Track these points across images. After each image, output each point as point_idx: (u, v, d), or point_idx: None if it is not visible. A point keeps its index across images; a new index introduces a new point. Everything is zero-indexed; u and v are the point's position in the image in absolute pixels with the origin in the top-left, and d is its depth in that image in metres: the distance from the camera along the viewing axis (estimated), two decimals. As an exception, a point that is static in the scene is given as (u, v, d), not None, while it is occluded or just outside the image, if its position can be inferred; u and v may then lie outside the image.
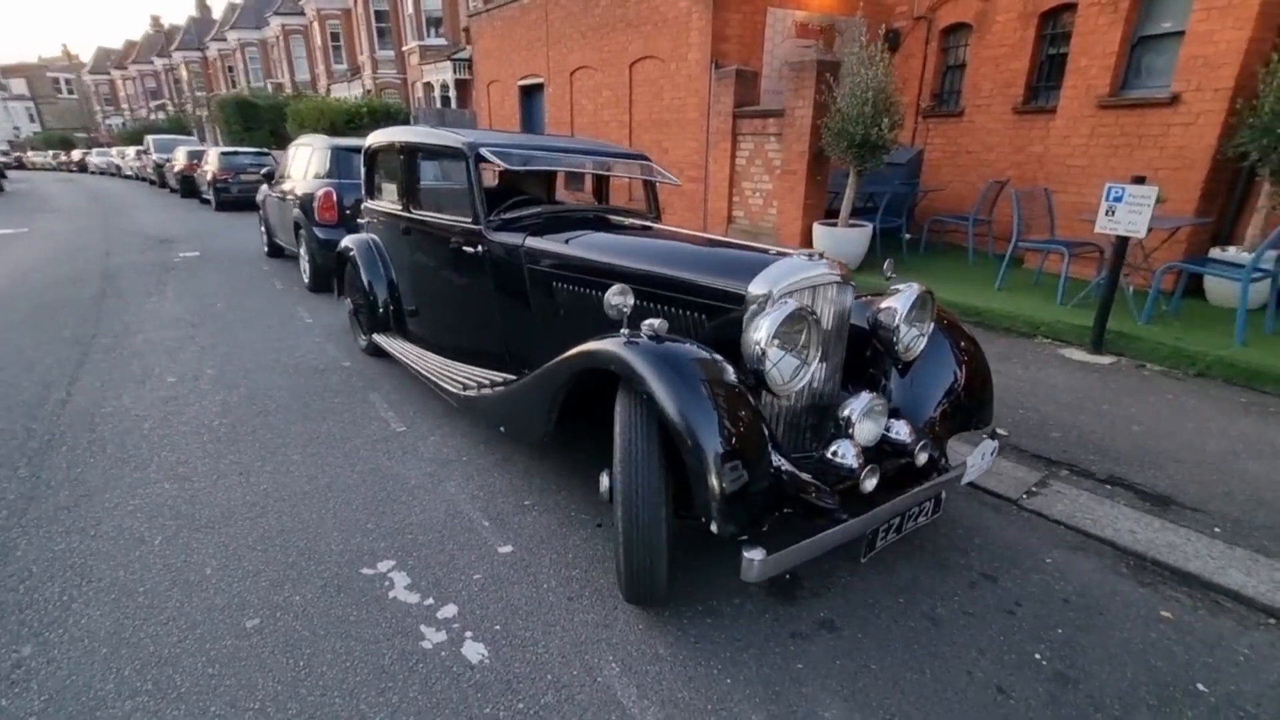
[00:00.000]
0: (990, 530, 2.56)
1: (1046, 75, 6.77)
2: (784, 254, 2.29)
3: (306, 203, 6.07)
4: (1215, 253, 5.18)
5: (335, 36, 31.31)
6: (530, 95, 11.19)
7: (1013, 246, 5.53)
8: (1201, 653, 1.95)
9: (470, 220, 3.13)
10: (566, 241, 2.83)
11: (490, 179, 4.72)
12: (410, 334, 3.95)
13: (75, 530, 2.37)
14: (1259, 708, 1.75)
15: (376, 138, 4.02)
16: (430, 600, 2.05)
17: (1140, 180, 4.01)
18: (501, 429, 2.62)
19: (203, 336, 4.78)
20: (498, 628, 1.94)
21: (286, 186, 6.89)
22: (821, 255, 2.26)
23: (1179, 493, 2.79)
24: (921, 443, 2.14)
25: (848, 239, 6.39)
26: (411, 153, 3.52)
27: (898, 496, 1.99)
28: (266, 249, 8.26)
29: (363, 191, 4.30)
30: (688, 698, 1.71)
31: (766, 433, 1.81)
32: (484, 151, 3.09)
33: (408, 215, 3.61)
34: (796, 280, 2.14)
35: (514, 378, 3.14)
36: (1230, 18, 4.88)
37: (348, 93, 28.84)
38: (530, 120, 11.41)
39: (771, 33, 7.61)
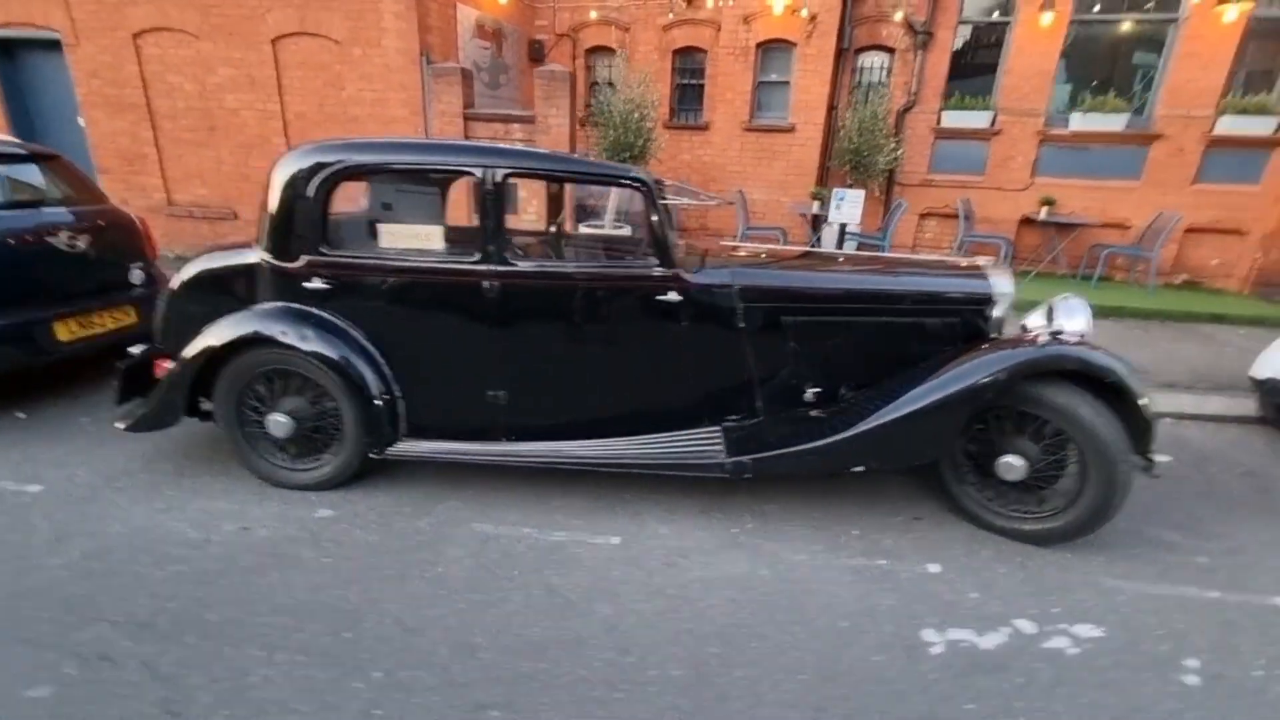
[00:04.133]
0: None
1: (684, 99, 8.70)
2: (973, 263, 3.10)
3: None
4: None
5: None
6: (15, 56, 6.96)
7: (742, 232, 7.28)
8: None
9: (657, 265, 2.66)
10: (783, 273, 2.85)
11: (348, 203, 3.60)
12: (473, 430, 2.84)
13: None
14: (1246, 459, 3.58)
15: (352, 154, 2.60)
16: (984, 636, 2.17)
17: (854, 185, 6.14)
18: (858, 468, 2.58)
19: None
20: (1056, 610, 2.27)
21: None
22: (995, 261, 3.16)
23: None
24: None
25: (613, 239, 7.01)
26: (500, 184, 2.54)
27: None
28: None
29: (272, 241, 2.64)
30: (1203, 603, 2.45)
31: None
32: (663, 180, 2.65)
33: (501, 270, 2.61)
34: (1010, 279, 3.01)
35: (716, 430, 2.91)
36: (817, 77, 7.60)
37: None
38: (28, 96, 7.10)
39: (461, 29, 7.15)
